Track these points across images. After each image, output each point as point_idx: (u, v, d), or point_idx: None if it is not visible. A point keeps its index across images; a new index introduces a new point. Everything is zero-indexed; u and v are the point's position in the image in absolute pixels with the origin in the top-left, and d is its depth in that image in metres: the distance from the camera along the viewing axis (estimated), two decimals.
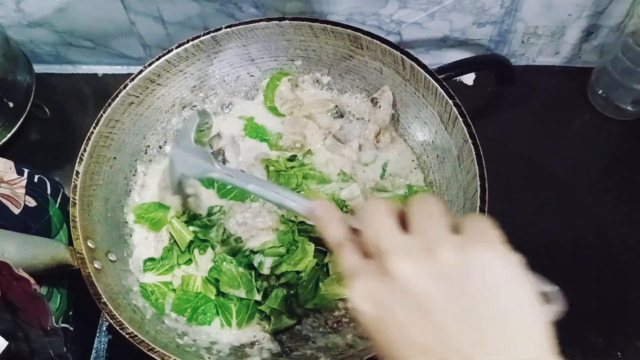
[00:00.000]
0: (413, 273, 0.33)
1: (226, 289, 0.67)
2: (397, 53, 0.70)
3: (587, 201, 0.79)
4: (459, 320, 0.32)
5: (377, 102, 0.76)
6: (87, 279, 0.61)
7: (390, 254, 0.34)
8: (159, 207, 0.74)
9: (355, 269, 0.36)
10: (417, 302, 0.32)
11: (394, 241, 0.35)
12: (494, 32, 0.85)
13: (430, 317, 0.32)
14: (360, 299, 0.35)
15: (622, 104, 0.83)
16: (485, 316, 0.32)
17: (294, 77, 0.81)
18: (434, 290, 0.32)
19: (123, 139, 0.74)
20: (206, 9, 0.83)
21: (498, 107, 0.89)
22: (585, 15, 0.81)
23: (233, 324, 0.67)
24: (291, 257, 0.68)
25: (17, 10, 0.86)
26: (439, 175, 0.73)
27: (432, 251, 0.33)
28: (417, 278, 0.33)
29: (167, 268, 0.71)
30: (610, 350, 0.69)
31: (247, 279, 0.68)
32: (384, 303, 0.33)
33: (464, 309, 0.32)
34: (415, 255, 0.34)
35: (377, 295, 0.34)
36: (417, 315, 0.32)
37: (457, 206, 0.66)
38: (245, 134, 0.80)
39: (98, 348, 0.71)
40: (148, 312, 0.66)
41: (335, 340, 0.66)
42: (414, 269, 0.33)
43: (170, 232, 0.72)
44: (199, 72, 0.79)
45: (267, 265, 0.69)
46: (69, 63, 0.98)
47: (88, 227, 0.66)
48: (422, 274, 0.33)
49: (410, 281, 0.33)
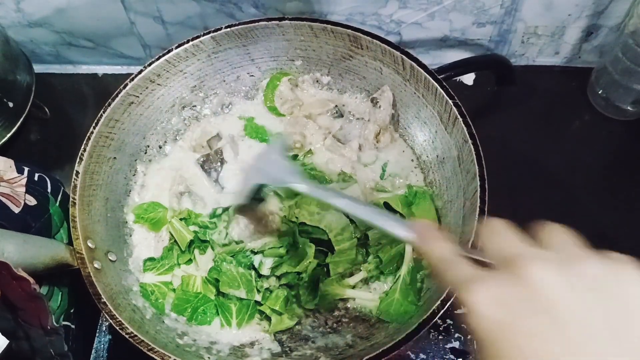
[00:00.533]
0: (552, 281, 0.31)
1: (226, 289, 0.67)
2: (397, 53, 0.70)
3: (587, 201, 0.79)
4: (599, 338, 0.30)
5: (377, 102, 0.76)
6: (87, 278, 0.61)
7: (527, 259, 0.32)
8: (159, 207, 0.74)
9: (475, 277, 0.35)
10: (552, 312, 0.31)
11: (529, 250, 0.34)
12: (494, 32, 0.85)
13: (566, 330, 0.30)
14: (483, 303, 0.32)
15: (622, 104, 0.83)
16: (634, 337, 0.30)
17: (294, 77, 0.81)
18: (574, 302, 0.30)
19: (123, 139, 0.74)
20: (206, 9, 0.83)
21: (498, 107, 0.89)
22: (585, 15, 0.81)
23: (233, 324, 0.67)
24: (292, 258, 0.68)
25: (17, 10, 0.86)
26: (439, 175, 0.73)
27: (575, 263, 0.32)
28: (555, 286, 0.31)
29: (167, 268, 0.71)
30: None
31: (247, 279, 0.68)
32: (514, 308, 0.31)
33: (609, 327, 0.30)
34: (556, 264, 0.32)
35: (506, 299, 0.32)
36: (550, 325, 0.30)
37: (457, 206, 0.66)
38: (245, 134, 0.80)
39: (98, 348, 0.71)
40: (148, 312, 0.66)
41: (335, 340, 0.66)
42: (553, 277, 0.31)
43: (170, 231, 0.72)
44: (199, 72, 0.79)
45: (267, 266, 0.69)
46: (69, 63, 0.98)
47: (88, 227, 0.66)
48: (562, 283, 0.31)
49: (548, 288, 0.31)
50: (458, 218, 0.65)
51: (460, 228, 0.63)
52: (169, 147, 0.80)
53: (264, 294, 0.68)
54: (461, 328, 0.70)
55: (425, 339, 0.69)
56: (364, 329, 0.66)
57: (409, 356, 0.69)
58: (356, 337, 0.64)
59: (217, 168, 0.77)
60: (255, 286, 0.68)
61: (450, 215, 0.68)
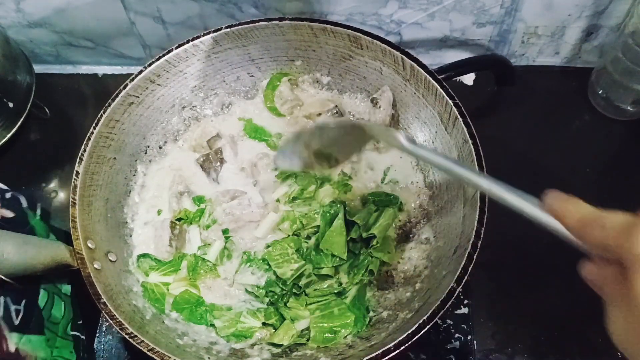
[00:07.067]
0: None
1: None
2: (397, 53, 0.70)
3: (586, 201, 0.78)
4: None
5: (377, 102, 0.76)
6: (87, 279, 0.61)
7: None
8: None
9: (632, 222, 0.32)
10: None
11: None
12: (494, 32, 0.85)
13: None
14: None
15: (622, 104, 0.83)
16: None
17: (294, 77, 0.81)
18: None
19: (123, 139, 0.74)
20: (206, 9, 0.83)
21: (498, 107, 0.89)
22: (585, 15, 0.81)
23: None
24: (276, 332, 0.67)
25: (17, 10, 0.86)
26: (439, 175, 0.73)
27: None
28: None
29: (172, 270, 0.71)
30: (610, 350, 0.69)
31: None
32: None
33: None
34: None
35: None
36: None
37: (457, 206, 0.66)
38: (245, 134, 0.80)
39: (98, 348, 0.71)
40: (148, 312, 0.66)
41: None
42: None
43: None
44: (199, 72, 0.79)
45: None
46: (69, 63, 0.98)
47: (88, 227, 0.66)
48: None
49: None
50: (458, 218, 0.65)
51: (460, 228, 0.63)
52: (169, 147, 0.80)
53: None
54: (461, 328, 0.70)
55: (425, 339, 0.69)
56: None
57: (409, 356, 0.69)
58: (356, 337, 0.64)
59: (216, 168, 0.77)
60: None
61: (450, 215, 0.68)
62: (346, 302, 0.67)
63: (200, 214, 0.74)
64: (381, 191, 0.74)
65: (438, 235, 0.69)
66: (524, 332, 0.71)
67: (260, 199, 0.74)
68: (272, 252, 0.69)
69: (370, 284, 0.69)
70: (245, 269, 0.70)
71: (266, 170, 0.76)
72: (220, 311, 0.68)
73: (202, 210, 0.74)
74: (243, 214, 0.72)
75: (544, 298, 0.73)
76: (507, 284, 0.74)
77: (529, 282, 0.73)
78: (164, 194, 0.76)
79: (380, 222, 0.69)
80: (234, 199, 0.74)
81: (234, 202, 0.73)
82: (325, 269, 0.68)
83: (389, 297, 0.68)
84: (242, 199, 0.73)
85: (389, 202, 0.73)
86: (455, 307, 0.72)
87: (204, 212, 0.74)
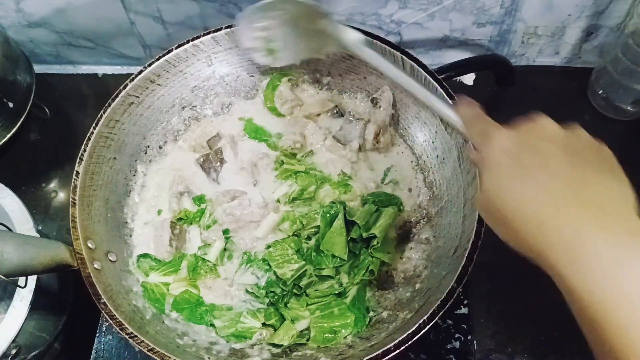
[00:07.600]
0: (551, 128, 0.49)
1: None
2: (397, 53, 0.70)
3: None
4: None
5: (377, 102, 0.76)
6: (87, 279, 0.61)
7: (538, 115, 0.48)
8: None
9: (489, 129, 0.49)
10: (542, 153, 0.46)
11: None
12: (494, 32, 0.85)
13: (548, 163, 0.45)
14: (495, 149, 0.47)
15: (622, 104, 0.83)
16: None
17: (294, 77, 0.81)
18: (558, 150, 0.47)
19: (123, 139, 0.74)
20: (206, 9, 0.83)
21: (498, 107, 0.89)
22: (585, 15, 0.81)
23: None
24: (276, 332, 0.67)
25: (17, 10, 0.86)
26: (439, 175, 0.73)
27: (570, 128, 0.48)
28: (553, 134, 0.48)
29: (172, 270, 0.71)
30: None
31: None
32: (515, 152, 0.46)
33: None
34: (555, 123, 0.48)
35: (513, 148, 0.47)
36: (541, 160, 0.45)
37: (457, 206, 0.66)
38: (245, 134, 0.80)
39: (98, 348, 0.71)
40: (148, 312, 0.66)
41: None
42: (553, 127, 0.49)
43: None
44: (199, 72, 0.79)
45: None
46: (69, 63, 0.98)
47: (88, 228, 0.66)
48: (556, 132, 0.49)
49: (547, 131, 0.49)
50: (458, 218, 0.65)
51: (460, 228, 0.63)
52: (169, 147, 0.80)
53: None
54: (461, 328, 0.70)
55: (425, 339, 0.69)
56: None
57: (409, 356, 0.69)
58: (356, 337, 0.64)
59: (216, 168, 0.77)
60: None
61: (450, 215, 0.68)
62: (346, 302, 0.67)
63: (200, 214, 0.74)
64: (381, 191, 0.74)
65: (438, 235, 0.69)
66: (524, 332, 0.71)
67: (260, 199, 0.74)
68: (273, 253, 0.69)
69: (370, 284, 0.69)
70: (246, 269, 0.70)
71: (266, 170, 0.77)
72: (220, 311, 0.68)
73: (202, 211, 0.74)
74: (243, 214, 0.72)
75: (544, 298, 0.72)
76: (507, 284, 0.74)
77: (529, 282, 0.73)
78: (164, 194, 0.76)
79: (381, 222, 0.69)
80: (234, 199, 0.74)
81: (234, 203, 0.73)
82: (326, 270, 0.68)
83: (389, 297, 0.68)
84: (243, 199, 0.73)
85: (389, 202, 0.73)
86: (455, 307, 0.72)
87: (204, 212, 0.74)
